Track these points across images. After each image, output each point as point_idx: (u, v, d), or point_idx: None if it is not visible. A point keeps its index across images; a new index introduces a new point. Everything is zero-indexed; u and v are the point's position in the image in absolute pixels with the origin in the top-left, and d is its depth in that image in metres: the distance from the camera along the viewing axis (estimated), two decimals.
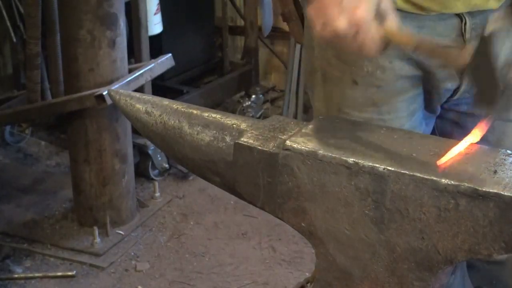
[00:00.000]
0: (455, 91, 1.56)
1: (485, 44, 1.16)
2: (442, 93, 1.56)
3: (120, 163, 3.14)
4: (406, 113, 1.57)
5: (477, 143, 1.25)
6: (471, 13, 1.47)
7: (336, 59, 1.55)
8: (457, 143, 1.30)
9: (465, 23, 1.47)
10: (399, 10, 1.45)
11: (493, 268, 1.69)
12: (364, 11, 1.23)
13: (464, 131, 1.61)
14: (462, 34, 1.48)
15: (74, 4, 2.90)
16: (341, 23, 1.23)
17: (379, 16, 1.25)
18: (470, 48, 1.20)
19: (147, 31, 3.58)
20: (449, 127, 1.67)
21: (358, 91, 1.55)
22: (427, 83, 1.55)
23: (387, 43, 1.28)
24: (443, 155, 1.24)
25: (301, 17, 1.75)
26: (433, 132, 1.68)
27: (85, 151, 3.08)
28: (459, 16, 1.48)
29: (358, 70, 1.53)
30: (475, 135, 1.24)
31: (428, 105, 1.60)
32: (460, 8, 1.46)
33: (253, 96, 4.39)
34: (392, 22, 1.27)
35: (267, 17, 1.99)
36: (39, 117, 3.67)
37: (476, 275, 1.63)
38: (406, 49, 1.31)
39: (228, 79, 4.39)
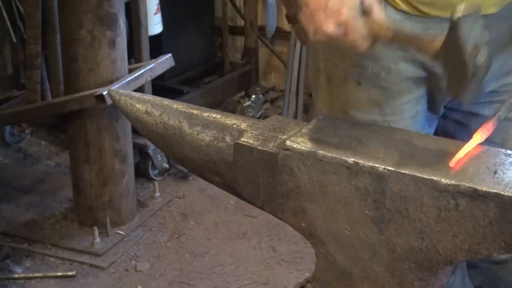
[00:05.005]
0: None
1: (454, 28, 1.19)
2: (445, 94, 1.56)
3: (120, 163, 3.14)
4: (410, 114, 1.57)
5: (482, 144, 1.25)
6: None
7: (341, 61, 1.55)
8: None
9: None
10: (403, 12, 1.46)
11: (495, 268, 1.68)
12: (348, 11, 1.29)
13: (467, 130, 1.62)
14: None
15: (74, 4, 2.90)
16: (329, 26, 1.30)
17: (365, 11, 1.31)
18: (442, 35, 1.23)
19: (147, 31, 3.58)
20: (452, 126, 1.67)
21: (363, 93, 1.55)
22: (431, 84, 1.55)
23: (374, 37, 1.32)
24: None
25: None
26: (435, 132, 1.68)
27: (85, 151, 3.08)
28: None
29: (363, 72, 1.53)
30: (481, 136, 1.24)
31: (432, 106, 1.60)
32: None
33: (253, 96, 4.39)
34: (378, 15, 1.32)
35: (271, 19, 1.99)
36: (39, 117, 3.66)
37: (477, 275, 1.63)
38: (387, 40, 1.34)
39: (228, 79, 4.39)
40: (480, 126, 1.57)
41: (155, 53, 3.52)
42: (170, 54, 3.28)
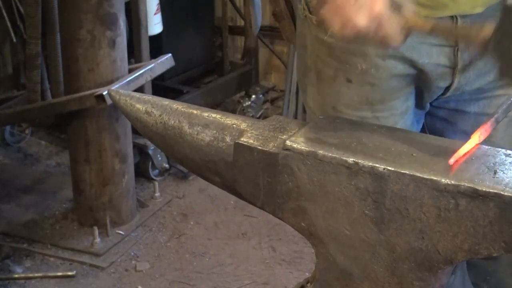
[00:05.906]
0: (447, 89, 1.57)
1: (508, 14, 1.17)
2: (434, 91, 1.58)
3: (120, 163, 3.14)
4: (399, 111, 1.57)
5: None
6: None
7: (330, 58, 1.55)
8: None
9: (457, 22, 1.48)
10: None
11: (488, 264, 1.69)
12: (381, 3, 1.25)
13: (454, 128, 1.64)
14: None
15: (74, 4, 2.90)
16: (361, 20, 1.24)
17: (396, 6, 1.27)
18: (492, 22, 1.21)
19: (147, 31, 3.58)
20: (438, 124, 1.68)
21: (353, 90, 1.55)
22: (419, 82, 1.56)
23: (408, 31, 1.29)
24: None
25: (292, 16, 1.75)
26: (423, 129, 1.70)
27: (85, 151, 3.08)
28: (451, 15, 1.49)
29: (352, 68, 1.53)
30: (479, 137, 1.24)
31: (419, 103, 1.61)
32: (448, 13, 1.47)
33: (253, 96, 4.39)
34: (409, 9, 1.29)
35: (257, 16, 2.01)
36: (39, 117, 3.66)
37: (471, 272, 1.63)
38: (424, 32, 1.32)
39: (228, 79, 4.39)
40: (466, 123, 1.59)
41: (155, 53, 3.52)
42: (170, 54, 3.28)
